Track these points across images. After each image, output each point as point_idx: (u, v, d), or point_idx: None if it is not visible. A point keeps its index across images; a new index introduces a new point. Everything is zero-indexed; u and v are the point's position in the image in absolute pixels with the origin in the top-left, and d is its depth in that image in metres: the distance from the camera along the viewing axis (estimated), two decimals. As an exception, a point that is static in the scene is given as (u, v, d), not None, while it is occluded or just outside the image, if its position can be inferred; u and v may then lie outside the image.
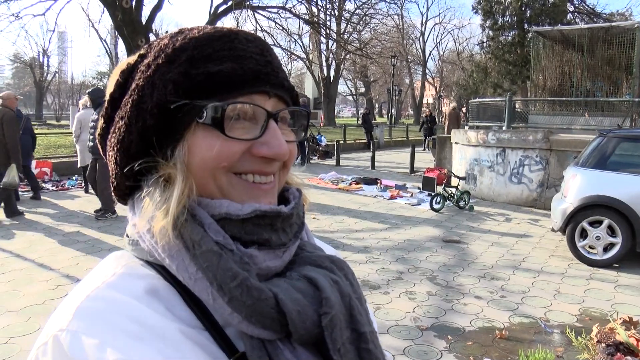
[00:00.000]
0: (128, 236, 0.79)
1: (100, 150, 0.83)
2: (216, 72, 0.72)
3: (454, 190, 10.83)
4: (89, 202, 9.97)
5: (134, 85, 0.75)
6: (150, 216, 0.71)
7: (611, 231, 6.98)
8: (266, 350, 0.68)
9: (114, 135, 0.77)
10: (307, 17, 28.43)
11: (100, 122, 0.81)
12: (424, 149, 24.85)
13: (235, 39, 0.75)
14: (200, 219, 0.72)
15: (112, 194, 0.81)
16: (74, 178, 12.42)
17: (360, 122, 32.64)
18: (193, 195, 0.72)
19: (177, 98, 0.71)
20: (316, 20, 29.49)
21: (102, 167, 8.60)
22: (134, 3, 16.90)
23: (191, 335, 0.69)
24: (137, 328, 0.66)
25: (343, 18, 38.04)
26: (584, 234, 7.14)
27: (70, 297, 0.71)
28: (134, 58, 0.79)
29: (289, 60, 52.89)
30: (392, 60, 38.45)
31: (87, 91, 9.57)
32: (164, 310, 0.70)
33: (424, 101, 70.66)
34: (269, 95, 0.76)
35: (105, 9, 17.59)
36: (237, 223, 0.72)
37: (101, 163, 8.61)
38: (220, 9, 21.48)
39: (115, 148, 0.76)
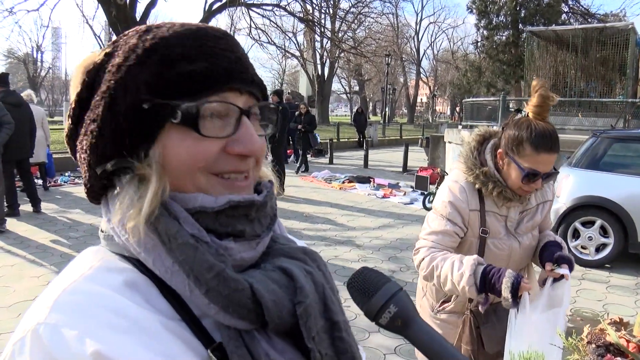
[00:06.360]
0: (102, 231, 0.79)
1: (70, 151, 0.81)
2: (188, 72, 0.71)
3: (447, 189, 10.78)
4: (83, 199, 9.92)
5: (104, 87, 0.73)
6: (123, 213, 0.71)
7: (603, 231, 6.99)
8: (243, 341, 0.70)
9: (85, 137, 0.75)
10: (301, 15, 28.37)
11: (68, 122, 0.79)
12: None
13: (204, 36, 0.75)
14: (175, 213, 0.72)
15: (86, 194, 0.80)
16: (66, 174, 12.37)
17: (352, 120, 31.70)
18: (166, 194, 0.72)
19: (151, 99, 0.71)
20: (311, 18, 29.53)
21: None
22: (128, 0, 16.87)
23: (170, 326, 0.70)
24: (118, 319, 0.66)
25: (338, 16, 38.08)
26: (576, 234, 7.15)
27: (46, 292, 0.70)
28: (99, 56, 0.78)
29: (283, 58, 52.95)
30: (387, 59, 38.55)
31: None
32: (143, 302, 0.70)
33: (418, 100, 70.81)
34: (240, 92, 0.76)
35: (99, 5, 17.55)
36: (212, 215, 0.73)
37: None
38: (215, 6, 21.42)
39: (87, 151, 0.75)
